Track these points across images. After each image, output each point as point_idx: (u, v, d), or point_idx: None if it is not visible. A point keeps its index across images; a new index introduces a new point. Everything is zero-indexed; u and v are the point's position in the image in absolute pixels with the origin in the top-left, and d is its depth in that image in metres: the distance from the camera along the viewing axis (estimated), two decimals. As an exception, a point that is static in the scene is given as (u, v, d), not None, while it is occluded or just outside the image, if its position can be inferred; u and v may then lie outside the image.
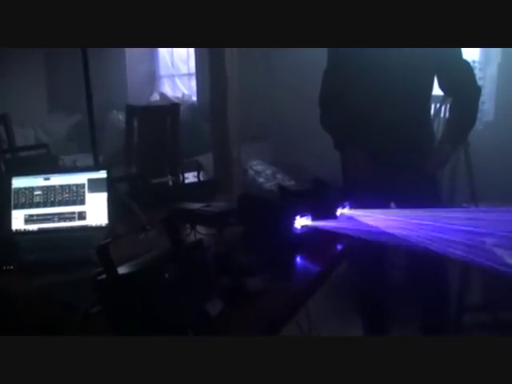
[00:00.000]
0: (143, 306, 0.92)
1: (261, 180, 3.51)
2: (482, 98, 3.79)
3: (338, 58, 2.11)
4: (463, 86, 2.02)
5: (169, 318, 0.93)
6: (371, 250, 2.06)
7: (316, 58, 2.19)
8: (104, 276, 0.97)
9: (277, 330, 1.12)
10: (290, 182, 3.50)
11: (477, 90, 2.04)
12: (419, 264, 2.11)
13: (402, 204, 2.12)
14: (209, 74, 3.01)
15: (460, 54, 2.02)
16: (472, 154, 3.15)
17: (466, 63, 2.03)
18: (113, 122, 5.41)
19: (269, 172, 3.64)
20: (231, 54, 2.93)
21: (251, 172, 3.57)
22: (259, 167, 3.66)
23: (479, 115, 3.78)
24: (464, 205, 2.99)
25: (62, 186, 1.79)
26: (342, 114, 2.08)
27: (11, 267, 1.47)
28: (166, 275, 0.97)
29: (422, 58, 1.95)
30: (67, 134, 5.95)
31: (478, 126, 3.76)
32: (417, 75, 1.99)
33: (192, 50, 5.55)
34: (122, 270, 0.98)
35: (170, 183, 2.23)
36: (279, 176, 3.63)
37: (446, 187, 3.09)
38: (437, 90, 2.15)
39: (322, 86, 2.17)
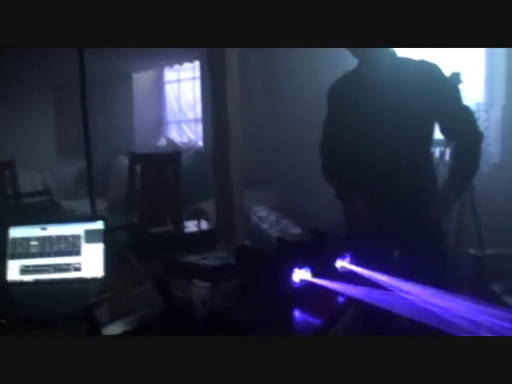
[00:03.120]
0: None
1: (265, 226, 3.48)
2: (487, 140, 3.84)
3: (337, 107, 2.12)
4: (465, 132, 2.00)
5: None
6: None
7: (321, 105, 2.19)
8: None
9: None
10: (294, 228, 3.47)
11: (479, 136, 2.02)
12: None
13: (406, 252, 2.09)
14: (211, 121, 3.02)
15: (460, 99, 2.01)
16: (478, 197, 3.13)
17: (466, 108, 2.01)
18: (119, 168, 5.44)
19: (273, 218, 3.61)
20: (233, 99, 2.94)
21: (255, 218, 3.54)
22: (263, 213, 3.63)
23: (485, 157, 3.80)
24: (471, 251, 2.94)
25: (58, 237, 1.77)
26: (343, 163, 2.07)
27: (3, 320, 1.44)
28: (152, 337, 0.93)
29: (422, 105, 1.94)
30: (74, 179, 5.98)
31: (484, 168, 3.77)
32: (417, 122, 1.97)
33: (199, 95, 5.62)
34: (108, 330, 0.95)
35: (170, 233, 2.20)
36: (283, 222, 3.60)
37: (452, 233, 3.04)
38: (440, 134, 2.14)
39: (322, 135, 2.17)
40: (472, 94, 3.75)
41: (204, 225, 2.15)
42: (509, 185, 3.58)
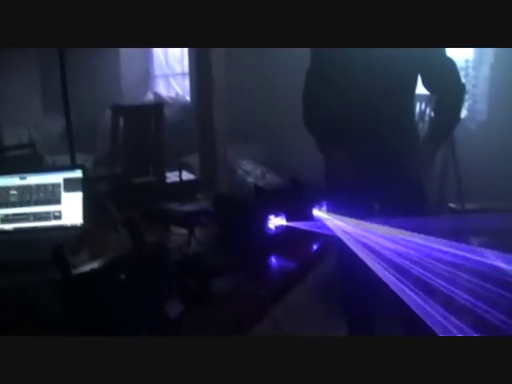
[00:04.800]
0: (96, 306, 0.90)
1: (250, 180, 3.49)
2: (475, 98, 3.84)
3: (320, 57, 2.08)
4: (447, 84, 1.99)
5: (121, 318, 0.90)
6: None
7: (307, 58, 2.16)
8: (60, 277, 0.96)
9: (243, 332, 1.09)
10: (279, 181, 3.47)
11: (461, 88, 2.01)
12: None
13: (386, 204, 2.11)
14: (195, 74, 2.99)
15: (443, 51, 1.99)
16: (464, 154, 3.14)
17: (450, 60, 2.00)
18: (106, 122, 5.37)
19: (258, 172, 3.61)
20: (218, 54, 2.90)
21: (240, 172, 3.55)
22: (248, 167, 3.64)
23: (472, 115, 3.81)
24: (451, 205, 2.97)
25: (37, 186, 1.77)
26: (324, 114, 2.05)
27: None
28: (122, 276, 0.95)
29: (405, 57, 1.92)
30: (60, 134, 5.91)
31: (471, 125, 3.78)
32: (400, 74, 1.96)
33: (186, 49, 5.52)
34: (78, 270, 0.96)
35: (152, 183, 2.20)
36: (269, 176, 3.61)
37: (435, 187, 3.07)
38: (422, 90, 2.13)
39: (304, 85, 2.14)
40: (461, 51, 3.72)
41: (185, 175, 2.15)
42: (494, 142, 3.60)
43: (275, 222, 1.43)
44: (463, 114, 3.76)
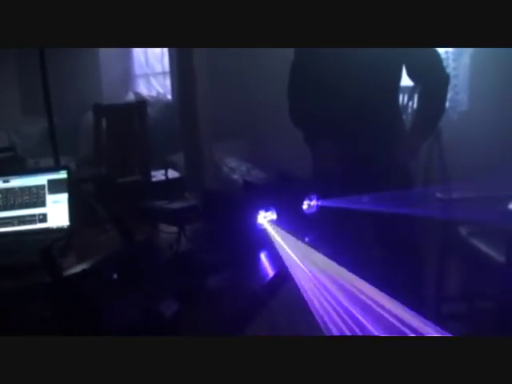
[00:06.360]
0: (88, 307, 0.88)
1: (235, 177, 3.47)
2: (456, 88, 3.85)
3: (304, 49, 2.08)
4: (431, 74, 2.00)
5: (115, 319, 0.88)
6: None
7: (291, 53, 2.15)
8: (49, 279, 0.93)
9: (236, 329, 1.08)
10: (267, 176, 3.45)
11: (445, 78, 2.02)
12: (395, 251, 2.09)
13: (374, 196, 2.11)
14: (177, 73, 2.96)
15: (427, 42, 1.99)
16: (446, 144, 3.15)
17: (434, 51, 2.01)
18: (88, 123, 5.31)
19: (243, 168, 3.60)
20: (199, 51, 2.88)
21: (226, 169, 3.53)
22: (234, 164, 3.62)
23: (453, 105, 3.83)
24: (438, 195, 2.98)
25: (21, 188, 1.73)
26: (310, 106, 2.05)
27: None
28: (114, 276, 0.93)
29: (390, 48, 1.92)
30: (41, 137, 5.83)
31: (453, 115, 3.79)
32: (385, 65, 1.96)
33: (166, 48, 5.48)
34: (68, 272, 0.94)
35: (137, 182, 2.17)
36: (253, 172, 3.59)
37: (420, 178, 3.08)
38: (405, 81, 2.13)
39: (289, 78, 2.14)
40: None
41: (171, 174, 2.12)
42: (476, 132, 3.62)
43: (265, 216, 1.42)
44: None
